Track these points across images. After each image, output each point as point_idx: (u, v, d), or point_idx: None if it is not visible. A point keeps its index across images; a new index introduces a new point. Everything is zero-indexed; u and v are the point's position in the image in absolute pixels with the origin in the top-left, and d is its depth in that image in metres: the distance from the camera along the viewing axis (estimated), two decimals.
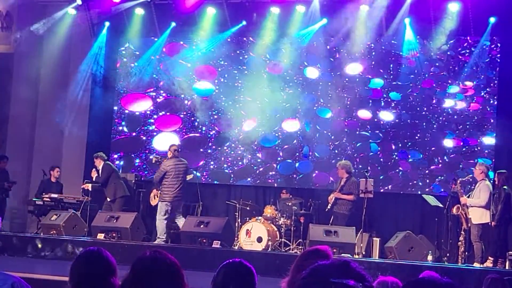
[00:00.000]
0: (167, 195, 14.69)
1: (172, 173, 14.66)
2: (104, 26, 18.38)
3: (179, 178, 14.70)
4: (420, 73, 17.10)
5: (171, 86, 18.35)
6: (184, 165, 14.95)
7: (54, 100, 17.92)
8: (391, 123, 17.22)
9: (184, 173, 14.91)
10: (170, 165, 14.73)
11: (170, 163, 14.78)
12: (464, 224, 13.60)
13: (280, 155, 17.81)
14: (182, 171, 14.80)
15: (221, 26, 17.90)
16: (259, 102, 17.78)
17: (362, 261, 12.45)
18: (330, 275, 2.02)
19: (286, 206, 15.67)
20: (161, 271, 3.55)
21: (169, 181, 14.66)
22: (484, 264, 13.12)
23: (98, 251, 4.23)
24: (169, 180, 14.65)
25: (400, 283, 5.08)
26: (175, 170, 14.70)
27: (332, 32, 17.38)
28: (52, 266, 12.03)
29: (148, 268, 3.56)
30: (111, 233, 14.57)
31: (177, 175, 14.68)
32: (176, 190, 14.67)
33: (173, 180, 14.65)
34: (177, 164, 14.80)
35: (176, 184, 14.67)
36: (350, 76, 17.52)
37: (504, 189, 13.29)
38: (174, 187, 14.67)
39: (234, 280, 4.23)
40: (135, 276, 3.56)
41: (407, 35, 16.97)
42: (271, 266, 11.50)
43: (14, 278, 3.69)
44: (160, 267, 3.56)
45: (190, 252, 13.07)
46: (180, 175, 14.74)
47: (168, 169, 14.69)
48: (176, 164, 14.79)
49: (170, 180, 14.64)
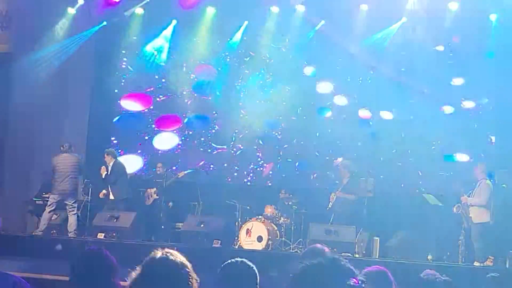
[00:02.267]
0: (54, 189, 14.93)
1: (58, 168, 14.88)
2: (104, 26, 18.36)
3: (65, 173, 14.84)
4: None
5: (171, 85, 18.35)
6: (72, 160, 15.04)
7: (53, 101, 17.89)
8: (392, 121, 17.20)
9: (73, 168, 14.99)
10: (57, 160, 14.97)
11: (58, 159, 15.03)
12: (465, 223, 13.59)
13: (280, 154, 17.82)
14: (68, 166, 14.92)
15: (221, 25, 17.91)
16: (259, 101, 17.78)
17: (362, 260, 12.46)
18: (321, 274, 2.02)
19: (285, 205, 15.68)
20: (172, 272, 3.54)
21: (56, 175, 14.91)
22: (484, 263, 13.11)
23: (99, 250, 4.23)
24: (56, 174, 14.91)
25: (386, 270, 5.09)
26: (61, 165, 14.89)
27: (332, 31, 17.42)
28: (52, 266, 12.03)
29: (158, 268, 3.55)
30: (111, 233, 14.57)
31: (63, 170, 14.86)
32: (62, 184, 14.85)
33: (58, 174, 14.88)
34: (65, 160, 14.96)
35: (59, 178, 14.87)
36: (350, 74, 17.52)
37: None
38: (58, 181, 14.89)
39: (237, 279, 4.25)
40: (145, 276, 3.55)
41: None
42: (271, 266, 11.49)
43: (15, 277, 3.70)
44: (170, 268, 3.55)
45: (191, 251, 13.05)
46: (66, 170, 14.88)
47: (55, 163, 14.96)
48: (63, 160, 14.96)
49: (57, 174, 14.90)
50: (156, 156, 18.09)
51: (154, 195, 16.30)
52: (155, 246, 11.83)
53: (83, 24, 18.23)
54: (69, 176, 14.84)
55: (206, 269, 8.85)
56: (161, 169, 16.37)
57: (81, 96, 18.37)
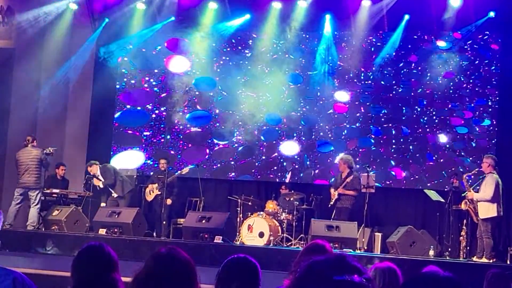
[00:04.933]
0: (18, 183, 15.15)
1: (20, 161, 15.10)
2: (104, 21, 18.35)
3: (24, 166, 15.00)
4: (421, 69, 17.14)
5: (172, 80, 18.35)
6: (33, 154, 15.13)
7: (56, 96, 17.91)
8: (392, 117, 17.23)
9: (34, 161, 15.07)
10: (19, 154, 15.19)
11: (19, 152, 15.24)
12: (475, 218, 13.53)
13: (281, 151, 17.82)
14: (29, 159, 15.05)
15: (223, 21, 17.92)
16: (262, 97, 17.79)
17: (363, 256, 12.46)
18: (327, 270, 2.00)
19: (286, 201, 15.69)
20: (175, 269, 3.53)
21: (18, 169, 15.13)
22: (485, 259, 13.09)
23: (100, 246, 4.23)
24: (18, 168, 15.13)
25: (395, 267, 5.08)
26: (22, 159, 15.06)
27: (334, 27, 17.45)
28: (54, 262, 12.04)
29: (162, 265, 3.54)
30: (112, 229, 14.58)
31: (23, 163, 15.03)
32: (23, 177, 15.01)
33: (20, 168, 15.08)
34: (26, 153, 15.12)
35: (21, 172, 15.04)
36: (351, 71, 17.54)
37: None
38: (20, 174, 15.07)
39: (239, 275, 4.24)
40: (148, 272, 3.55)
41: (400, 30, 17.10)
42: (273, 261, 11.49)
43: (16, 273, 3.69)
44: (174, 265, 3.54)
45: (192, 247, 13.06)
46: (27, 163, 15.02)
47: (17, 157, 15.20)
48: (25, 153, 15.13)
49: (19, 168, 15.11)
50: (159, 152, 18.10)
51: (156, 190, 16.31)
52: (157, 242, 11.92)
53: (84, 20, 18.24)
54: (30, 168, 14.97)
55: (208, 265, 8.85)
56: (164, 165, 16.37)
57: (82, 91, 18.36)
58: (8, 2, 18.34)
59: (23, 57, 17.83)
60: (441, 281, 2.24)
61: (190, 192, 17.06)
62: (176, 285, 3.52)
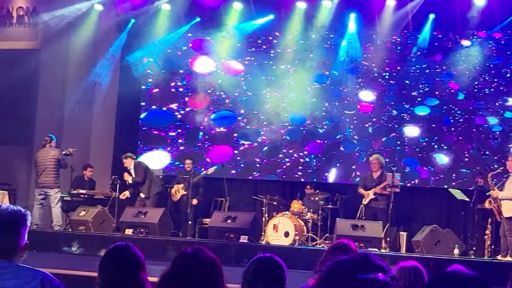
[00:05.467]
0: (36, 183, 15.30)
1: (37, 162, 15.22)
2: (130, 22, 18.44)
3: (42, 166, 15.09)
4: (446, 68, 17.08)
5: (197, 81, 18.40)
6: (51, 154, 15.19)
7: (81, 97, 18.03)
8: (418, 117, 17.18)
9: (51, 162, 15.14)
10: (37, 155, 15.34)
11: (38, 153, 15.39)
12: (498, 217, 13.46)
13: (306, 150, 17.82)
14: (47, 160, 15.12)
15: (247, 21, 17.95)
16: (286, 97, 17.80)
17: (388, 255, 12.42)
18: (352, 269, 2.02)
19: (311, 201, 15.68)
20: (201, 269, 3.56)
21: (36, 169, 15.30)
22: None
23: (127, 246, 4.26)
24: (36, 168, 15.30)
25: (420, 266, 5.08)
26: (40, 159, 15.18)
27: (358, 27, 17.42)
28: (81, 262, 12.12)
29: (188, 265, 3.57)
30: (139, 229, 14.64)
31: (40, 163, 15.14)
32: (41, 177, 15.10)
33: (38, 168, 15.21)
34: (42, 154, 15.23)
35: (39, 172, 15.16)
36: (376, 70, 17.50)
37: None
38: (38, 175, 15.19)
39: (265, 274, 4.26)
40: (175, 272, 3.58)
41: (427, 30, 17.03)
42: (298, 261, 11.50)
43: (43, 273, 3.71)
44: (200, 265, 3.57)
45: (218, 247, 13.09)
46: (44, 163, 15.10)
47: (35, 158, 15.36)
48: (43, 154, 15.22)
49: (37, 168, 15.25)
50: (184, 153, 18.16)
51: (182, 191, 16.36)
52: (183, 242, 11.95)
53: (109, 22, 18.34)
54: (47, 169, 15.07)
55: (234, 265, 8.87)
56: (190, 165, 16.41)
57: (108, 92, 18.45)
58: (33, 3, 18.50)
59: (49, 58, 17.96)
60: (466, 280, 2.25)
61: (216, 192, 17.10)
62: (202, 285, 3.55)
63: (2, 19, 18.78)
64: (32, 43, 18.57)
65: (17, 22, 18.79)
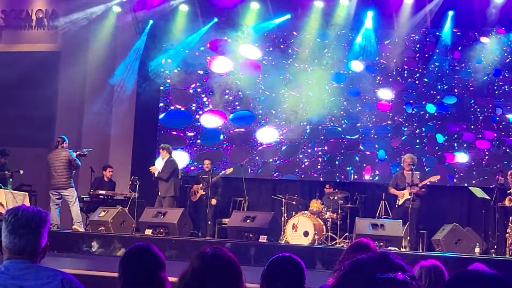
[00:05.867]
0: (50, 185, 15.35)
1: (49, 163, 15.26)
2: (148, 23, 18.51)
3: (55, 167, 15.13)
4: (464, 65, 17.00)
5: (215, 81, 18.43)
6: (61, 155, 15.22)
7: (100, 98, 18.13)
8: (437, 116, 17.12)
9: (62, 162, 15.16)
10: (49, 156, 15.37)
11: (50, 154, 15.42)
12: None
13: (325, 149, 17.80)
14: (58, 161, 15.15)
15: (265, 21, 17.95)
16: (304, 96, 17.79)
17: (408, 254, 12.38)
18: (370, 268, 2.01)
19: (331, 200, 15.65)
20: (220, 268, 3.56)
21: (49, 171, 15.30)
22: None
23: (147, 246, 4.27)
24: (49, 170, 15.30)
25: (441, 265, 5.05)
26: (51, 161, 15.23)
27: (376, 25, 17.38)
28: (101, 262, 12.16)
29: (207, 265, 3.58)
30: (158, 229, 14.68)
31: (51, 165, 15.19)
32: (53, 179, 15.17)
33: (50, 170, 15.24)
34: (53, 155, 15.28)
35: (52, 173, 15.19)
36: (394, 68, 17.45)
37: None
38: (50, 176, 15.23)
39: (284, 274, 4.26)
40: (194, 272, 3.58)
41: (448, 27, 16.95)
42: (317, 260, 11.49)
43: (64, 274, 3.73)
44: (219, 264, 3.58)
45: (237, 246, 13.10)
46: (55, 164, 15.14)
47: (48, 159, 15.36)
48: (54, 155, 15.27)
49: (49, 170, 15.27)
50: (202, 153, 18.20)
51: (201, 191, 16.39)
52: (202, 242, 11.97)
53: (127, 23, 18.42)
54: (59, 170, 15.14)
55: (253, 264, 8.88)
56: (209, 165, 16.43)
57: (127, 94, 18.51)
58: (52, 6, 18.61)
59: (68, 60, 18.06)
60: (487, 279, 2.23)
61: (234, 192, 17.12)
62: (221, 285, 3.55)
63: (21, 22, 18.92)
64: (52, 46, 18.68)
65: (37, 25, 18.91)
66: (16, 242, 3.63)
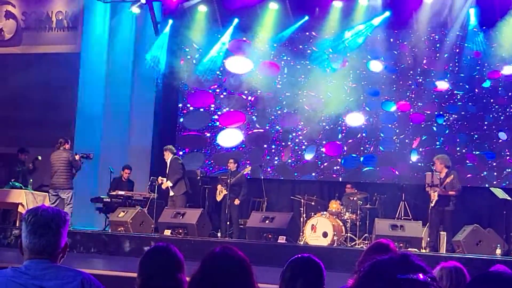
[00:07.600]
0: (50, 184, 15.58)
1: (51, 163, 15.43)
2: (167, 24, 18.56)
3: (56, 168, 15.31)
4: (486, 65, 16.88)
5: (234, 82, 18.46)
6: (62, 156, 15.39)
7: (120, 99, 18.20)
8: (457, 116, 17.04)
9: (63, 163, 15.32)
10: (51, 157, 15.52)
11: (52, 155, 15.56)
12: None
13: (344, 150, 17.77)
14: (59, 161, 15.32)
15: (283, 21, 17.93)
16: (323, 96, 17.76)
17: (428, 256, 12.33)
18: (391, 270, 2.00)
19: (350, 200, 15.62)
20: (231, 268, 3.56)
21: (51, 171, 15.46)
22: None
23: (167, 247, 4.27)
24: (51, 170, 15.46)
25: (462, 266, 5.02)
26: (53, 161, 15.39)
27: (395, 24, 17.33)
28: (120, 262, 12.20)
29: (217, 265, 3.57)
30: (177, 229, 14.71)
31: (53, 165, 15.37)
32: (53, 179, 15.34)
33: (52, 170, 15.41)
34: (55, 155, 15.43)
35: (52, 173, 15.36)
36: (414, 69, 17.39)
37: None
38: (51, 176, 15.39)
39: (303, 275, 4.24)
40: (204, 272, 3.58)
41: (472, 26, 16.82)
42: (337, 261, 11.46)
43: (84, 274, 3.74)
44: (229, 264, 3.57)
45: (256, 247, 13.10)
46: (57, 165, 15.31)
47: (50, 160, 15.53)
48: (56, 156, 15.42)
49: (51, 170, 15.43)
50: (223, 153, 18.22)
51: (225, 191, 16.36)
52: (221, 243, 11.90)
53: (147, 24, 18.49)
54: (59, 170, 15.28)
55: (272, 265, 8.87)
56: (232, 165, 16.35)
57: (146, 95, 18.57)
58: (73, 8, 18.69)
59: (88, 62, 18.14)
60: (509, 280, 2.22)
61: (254, 193, 17.12)
62: (232, 284, 3.55)
63: (42, 24, 19.02)
64: (72, 47, 18.76)
65: (57, 26, 19.00)
66: (36, 242, 3.64)
